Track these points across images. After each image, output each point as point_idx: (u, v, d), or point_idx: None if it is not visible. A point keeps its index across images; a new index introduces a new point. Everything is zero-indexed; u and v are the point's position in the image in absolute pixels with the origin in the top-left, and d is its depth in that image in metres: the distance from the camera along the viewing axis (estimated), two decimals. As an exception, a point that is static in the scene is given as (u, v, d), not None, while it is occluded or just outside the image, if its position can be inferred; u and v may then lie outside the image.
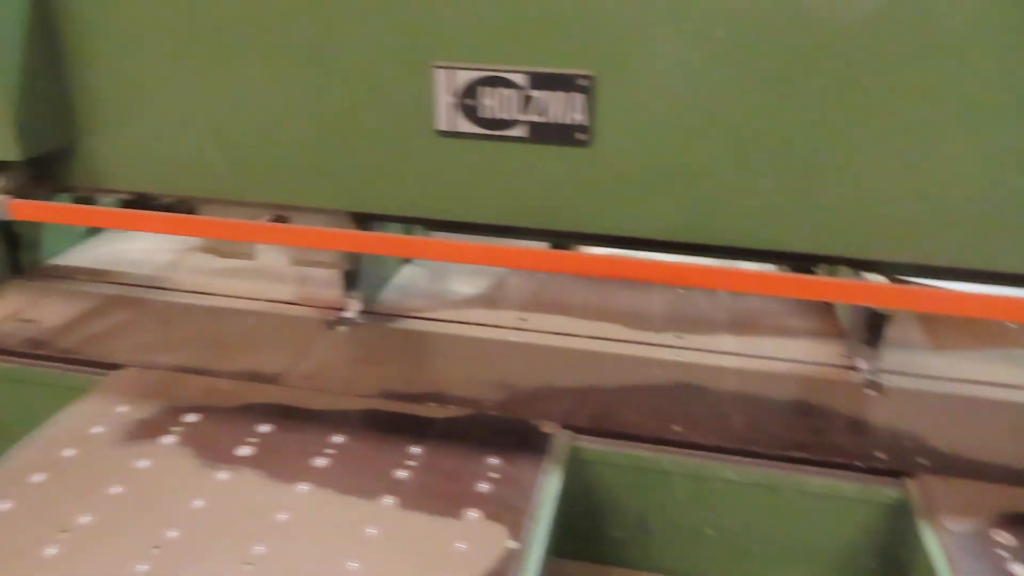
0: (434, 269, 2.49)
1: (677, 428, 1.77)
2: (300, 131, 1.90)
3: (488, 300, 2.32)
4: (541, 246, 2.13)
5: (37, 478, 1.55)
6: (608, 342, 2.10)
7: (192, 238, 2.45)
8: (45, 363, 1.98)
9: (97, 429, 1.70)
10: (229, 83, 1.89)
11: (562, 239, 2.07)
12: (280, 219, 2.06)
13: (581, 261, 1.87)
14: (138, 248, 2.59)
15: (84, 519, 1.45)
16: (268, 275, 2.39)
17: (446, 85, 1.77)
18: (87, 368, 1.95)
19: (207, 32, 1.85)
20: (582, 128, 1.76)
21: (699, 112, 1.71)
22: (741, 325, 2.20)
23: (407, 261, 2.52)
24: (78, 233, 2.64)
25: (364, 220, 2.07)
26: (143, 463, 1.60)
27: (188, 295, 2.30)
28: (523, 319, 2.21)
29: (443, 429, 1.74)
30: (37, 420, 1.80)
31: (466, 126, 1.81)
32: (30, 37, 1.85)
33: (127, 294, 2.30)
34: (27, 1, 1.84)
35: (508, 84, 1.75)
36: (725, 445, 1.72)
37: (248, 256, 2.13)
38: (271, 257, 2.33)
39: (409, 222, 2.07)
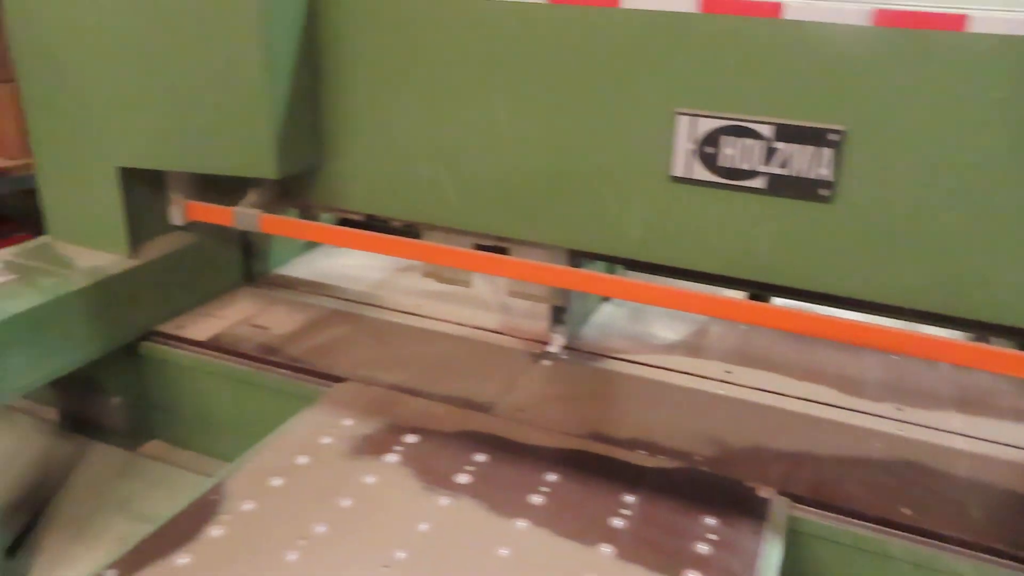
0: (633, 309, 2.45)
1: (906, 511, 1.63)
2: (532, 166, 1.92)
3: (691, 348, 2.25)
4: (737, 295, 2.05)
5: (276, 482, 1.62)
6: (821, 406, 1.98)
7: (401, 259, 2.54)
8: (277, 369, 2.09)
9: (326, 440, 1.76)
10: (470, 117, 1.93)
11: (785, 295, 1.98)
12: (498, 249, 2.09)
13: (810, 321, 1.78)
14: (352, 264, 2.70)
15: (320, 528, 1.49)
16: (473, 301, 2.43)
17: (687, 132, 1.74)
18: (313, 378, 2.04)
19: (453, 69, 1.91)
20: (826, 184, 1.67)
21: (958, 174, 1.59)
22: (969, 403, 2.02)
23: (606, 299, 2.49)
24: (298, 245, 2.79)
25: (577, 257, 2.06)
26: (369, 478, 1.64)
27: (400, 315, 2.37)
28: (728, 371, 2.13)
29: (656, 480, 1.68)
30: (267, 422, 1.90)
31: (703, 174, 1.76)
32: (297, 68, 1.97)
33: (345, 308, 2.40)
34: (299, 36, 1.96)
35: (752, 134, 1.69)
36: (963, 537, 1.57)
37: (466, 283, 2.17)
38: (484, 285, 2.37)
39: (630, 265, 2.03)
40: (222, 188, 2.26)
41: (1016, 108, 1.51)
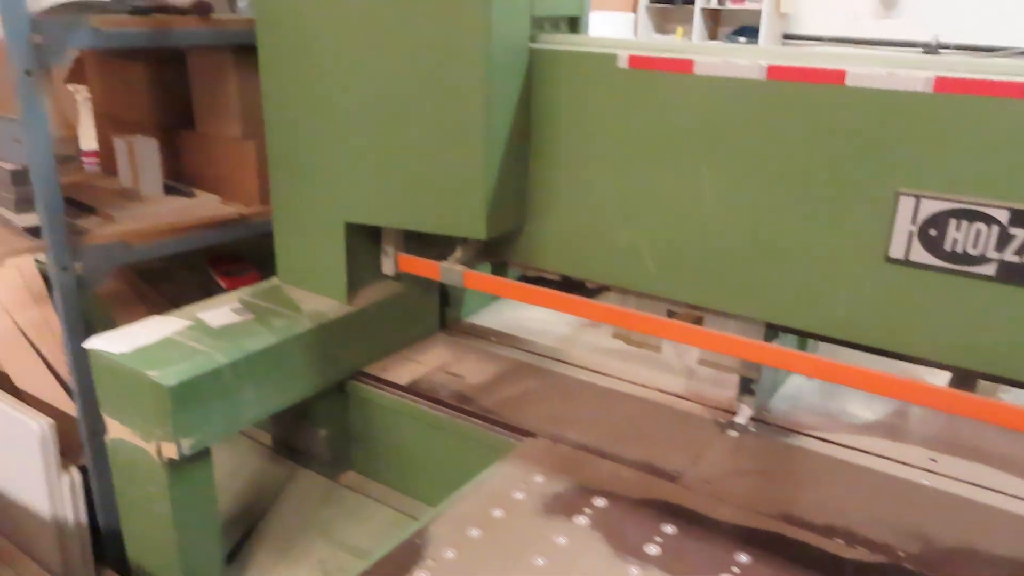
0: (824, 383, 2.33)
1: None
2: (735, 239, 1.88)
3: (890, 429, 2.11)
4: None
5: (474, 533, 1.66)
6: (1045, 510, 1.79)
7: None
8: (470, 419, 2.16)
9: (519, 495, 1.79)
10: (673, 188, 1.93)
11: (1002, 383, 1.81)
12: (694, 317, 2.07)
13: (1041, 420, 1.62)
14: (538, 317, 2.76)
15: (517, 585, 1.52)
16: (658, 363, 2.40)
17: (909, 213, 1.65)
18: (504, 430, 2.09)
19: (660, 142, 1.92)
20: (1069, 276, 1.53)
21: None
22: None
23: (795, 370, 2.39)
24: (486, 296, 2.88)
25: (773, 330, 1.99)
26: (561, 539, 1.65)
27: (585, 372, 2.39)
28: (933, 459, 1.97)
29: (854, 574, 1.58)
30: (456, 466, 1.96)
31: (924, 257, 1.66)
32: (511, 137, 2.05)
33: (533, 362, 2.45)
34: (515, 107, 2.05)
35: (983, 218, 1.58)
36: None
37: (657, 348, 2.15)
38: (673, 350, 2.34)
39: (831, 341, 1.94)
40: (429, 241, 2.39)
41: None
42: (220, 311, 2.24)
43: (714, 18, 9.21)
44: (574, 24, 2.30)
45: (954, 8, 7.35)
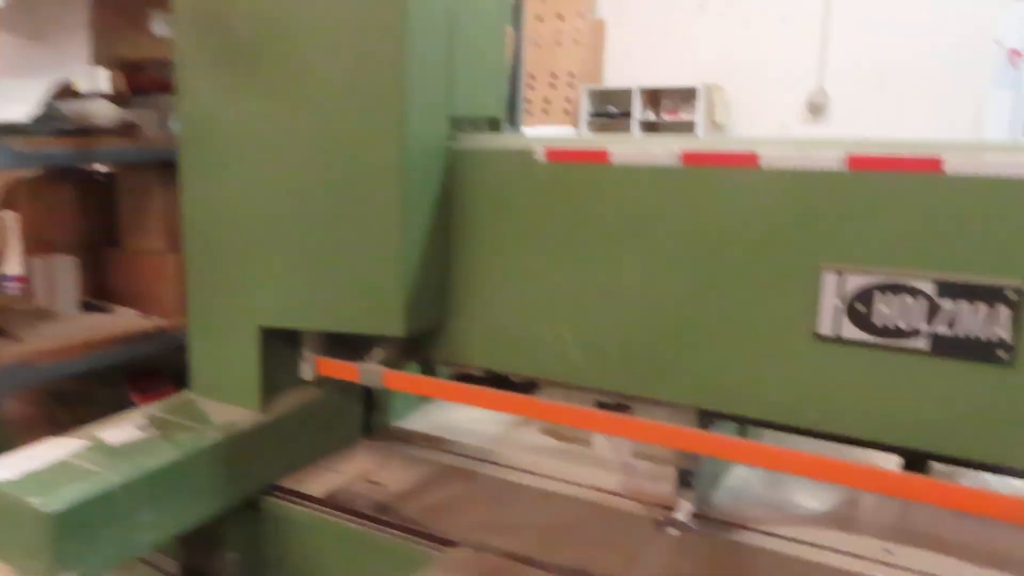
0: (770, 473, 2.13)
1: None
2: (661, 325, 1.73)
3: (840, 520, 1.91)
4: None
5: (383, 669, 1.39)
6: (1009, 602, 1.59)
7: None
8: (390, 530, 1.90)
9: (438, 617, 1.53)
10: (596, 278, 1.79)
11: (952, 464, 1.64)
12: (621, 408, 1.88)
13: (992, 502, 1.44)
14: (469, 417, 2.53)
15: None
16: (593, 460, 2.18)
17: (835, 289, 1.51)
18: (425, 541, 1.84)
19: (579, 232, 1.80)
20: (1004, 346, 1.39)
21: None
22: None
23: (736, 460, 2.20)
24: (416, 398, 2.65)
25: (707, 417, 1.81)
26: (483, 670, 1.39)
27: (516, 472, 2.15)
28: (888, 551, 1.76)
29: None
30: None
31: (853, 333, 1.51)
32: (429, 234, 1.91)
33: (461, 464, 2.21)
34: (432, 208, 1.92)
35: (910, 291, 1.45)
36: None
37: (586, 442, 1.95)
38: (606, 443, 2.14)
39: (767, 427, 1.77)
40: (350, 344, 2.19)
41: None
42: (123, 429, 1.98)
43: (652, 130, 9.49)
44: (494, 125, 2.21)
45: (880, 113, 7.57)
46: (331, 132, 1.88)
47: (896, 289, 1.45)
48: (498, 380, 2.06)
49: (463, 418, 2.54)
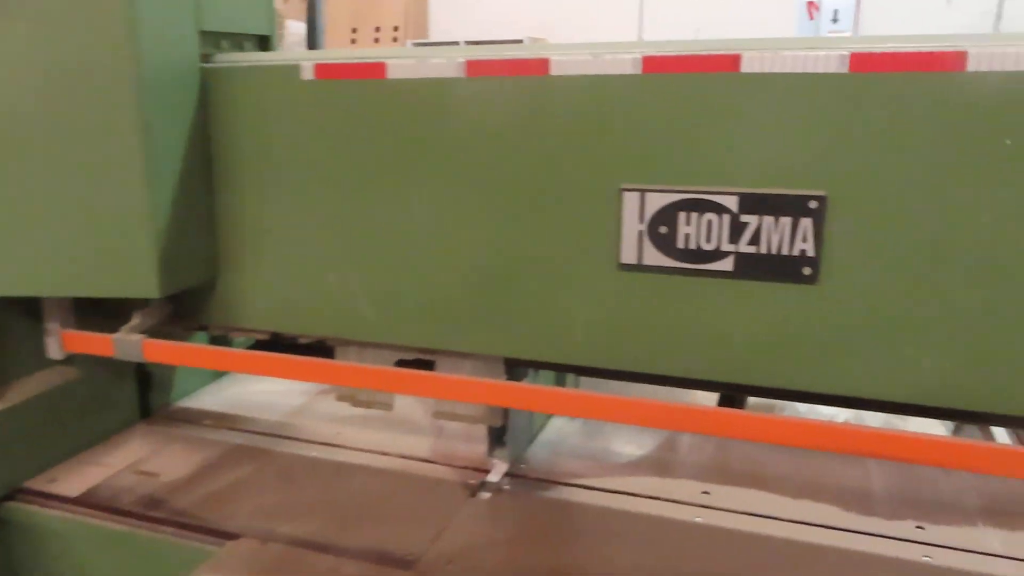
0: (589, 422, 2.00)
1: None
2: (456, 267, 1.51)
3: (659, 465, 1.79)
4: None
5: None
6: (823, 530, 1.52)
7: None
8: (158, 527, 1.58)
9: (197, 627, 1.25)
10: (381, 217, 1.54)
11: (764, 395, 1.55)
12: (423, 364, 1.65)
13: (806, 431, 1.34)
14: (269, 390, 2.22)
15: None
16: (404, 426, 1.96)
17: (635, 211, 1.35)
18: (203, 536, 1.54)
19: (358, 165, 1.53)
20: (809, 261, 1.28)
21: (970, 240, 1.21)
22: (1003, 514, 1.57)
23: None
24: (208, 372, 2.31)
25: (516, 368, 1.63)
26: None
27: (316, 447, 1.88)
28: (706, 492, 1.66)
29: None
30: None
31: (657, 259, 1.36)
32: (184, 174, 1.58)
33: (252, 443, 1.91)
34: (186, 135, 1.58)
35: (713, 208, 1.31)
36: None
37: (388, 406, 1.71)
38: (410, 407, 1.91)
39: (576, 372, 1.61)
40: (109, 311, 1.81)
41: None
42: None
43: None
44: (264, 44, 1.88)
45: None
46: (50, 51, 1.50)
47: (698, 206, 1.31)
48: (286, 344, 1.77)
49: (261, 391, 2.22)
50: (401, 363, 1.66)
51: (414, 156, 1.48)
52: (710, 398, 1.84)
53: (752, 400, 2.10)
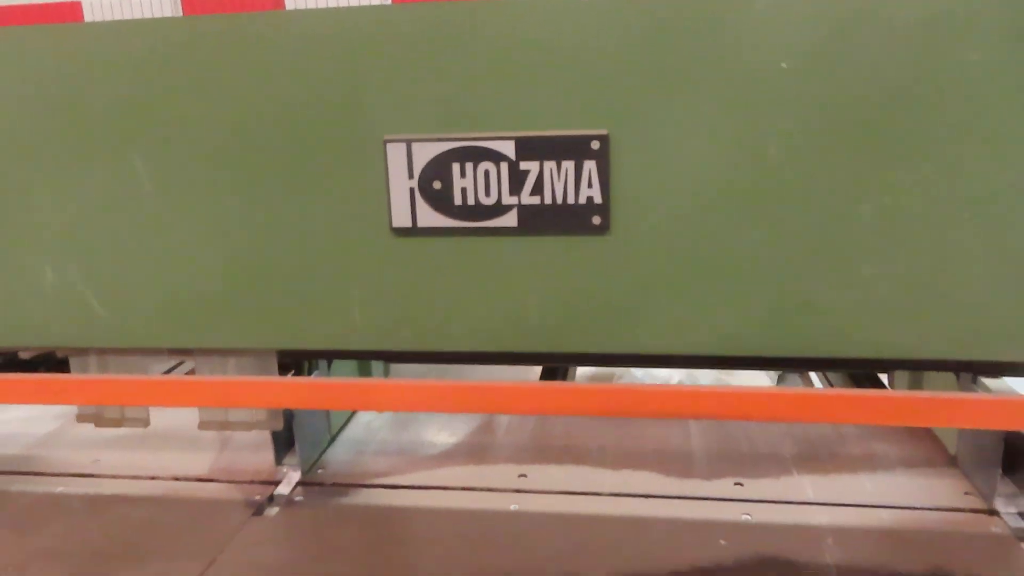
0: (400, 413, 1.85)
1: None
2: (202, 248, 1.30)
3: (475, 451, 1.67)
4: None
5: None
6: (643, 500, 1.47)
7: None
8: None
9: None
10: (98, 194, 1.29)
11: (567, 363, 1.47)
12: (183, 369, 1.44)
13: (596, 396, 1.26)
14: (13, 417, 1.90)
15: None
16: (182, 442, 1.72)
17: (403, 165, 1.20)
18: None
19: (62, 130, 1.27)
20: (595, 208, 1.19)
21: (753, 189, 1.17)
22: (814, 459, 1.58)
23: (364, 406, 1.88)
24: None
25: (299, 361, 1.45)
26: None
27: (65, 480, 1.61)
28: (523, 475, 1.56)
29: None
30: None
31: (433, 219, 1.22)
32: None
33: (-19, 486, 1.60)
34: None
35: (489, 156, 1.19)
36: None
37: (142, 422, 1.48)
38: (194, 419, 1.67)
39: (357, 358, 1.45)
40: None
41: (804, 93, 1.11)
42: None
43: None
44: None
45: None
46: None
47: (473, 155, 1.18)
48: (5, 359, 1.49)
49: (3, 420, 1.89)
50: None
51: (131, 117, 1.25)
52: (533, 372, 1.76)
53: (590, 371, 2.05)
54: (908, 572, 1.24)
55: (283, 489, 1.52)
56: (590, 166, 1.16)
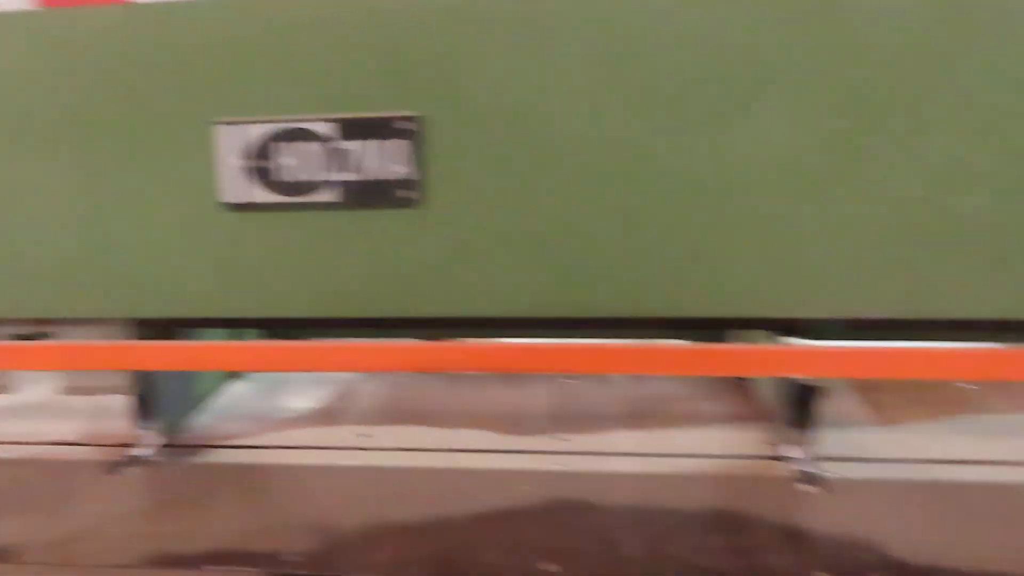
0: (271, 382, 1.97)
1: (549, 567, 1.27)
2: (54, 225, 1.40)
3: (327, 415, 1.80)
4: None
5: None
6: (472, 455, 1.61)
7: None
8: None
9: None
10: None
11: (389, 327, 1.60)
12: (41, 336, 1.53)
13: (420, 353, 1.41)
14: None
15: None
16: (59, 410, 1.81)
17: (235, 145, 1.32)
18: None
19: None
20: (408, 184, 1.33)
21: (560, 155, 1.32)
22: (640, 417, 1.75)
23: (235, 374, 2.00)
24: None
25: (159, 326, 1.56)
26: None
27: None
28: (367, 435, 1.70)
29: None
30: None
31: (261, 195, 1.35)
32: None
33: None
34: None
35: (311, 136, 1.32)
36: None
37: (3, 389, 1.57)
38: (37, 386, 1.77)
39: (191, 325, 1.56)
40: None
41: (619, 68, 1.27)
42: None
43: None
44: None
45: None
46: None
47: (296, 136, 1.31)
48: None
49: None
50: (18, 338, 1.53)
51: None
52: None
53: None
54: (691, 509, 1.41)
55: (142, 451, 1.63)
56: (403, 145, 1.30)
